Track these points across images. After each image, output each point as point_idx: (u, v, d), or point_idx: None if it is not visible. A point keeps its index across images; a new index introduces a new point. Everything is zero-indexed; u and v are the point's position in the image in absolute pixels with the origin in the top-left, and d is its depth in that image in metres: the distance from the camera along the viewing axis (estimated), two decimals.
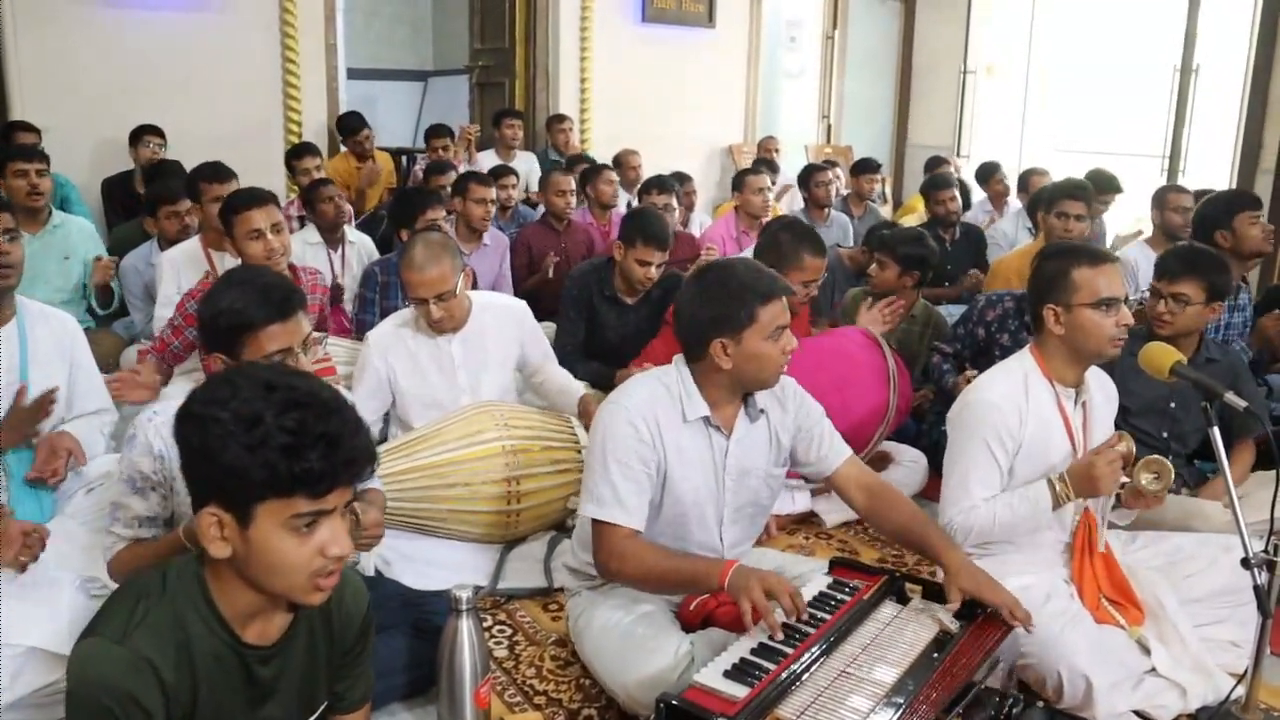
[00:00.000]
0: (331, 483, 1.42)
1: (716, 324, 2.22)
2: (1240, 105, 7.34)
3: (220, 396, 1.42)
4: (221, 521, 1.43)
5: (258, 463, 1.37)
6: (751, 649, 1.92)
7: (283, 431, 1.38)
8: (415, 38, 11.13)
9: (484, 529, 3.03)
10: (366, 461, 1.48)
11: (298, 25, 6.49)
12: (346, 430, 1.43)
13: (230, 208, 3.44)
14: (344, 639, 1.71)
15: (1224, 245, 3.96)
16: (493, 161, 6.64)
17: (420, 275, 3.08)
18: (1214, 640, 2.51)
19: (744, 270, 2.29)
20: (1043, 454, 2.49)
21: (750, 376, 2.26)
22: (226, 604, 1.51)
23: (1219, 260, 3.15)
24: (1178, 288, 3.06)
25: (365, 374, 3.20)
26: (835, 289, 5.01)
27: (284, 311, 2.19)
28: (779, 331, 2.23)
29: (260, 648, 1.56)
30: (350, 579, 1.74)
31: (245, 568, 1.46)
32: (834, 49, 9.50)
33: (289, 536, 1.43)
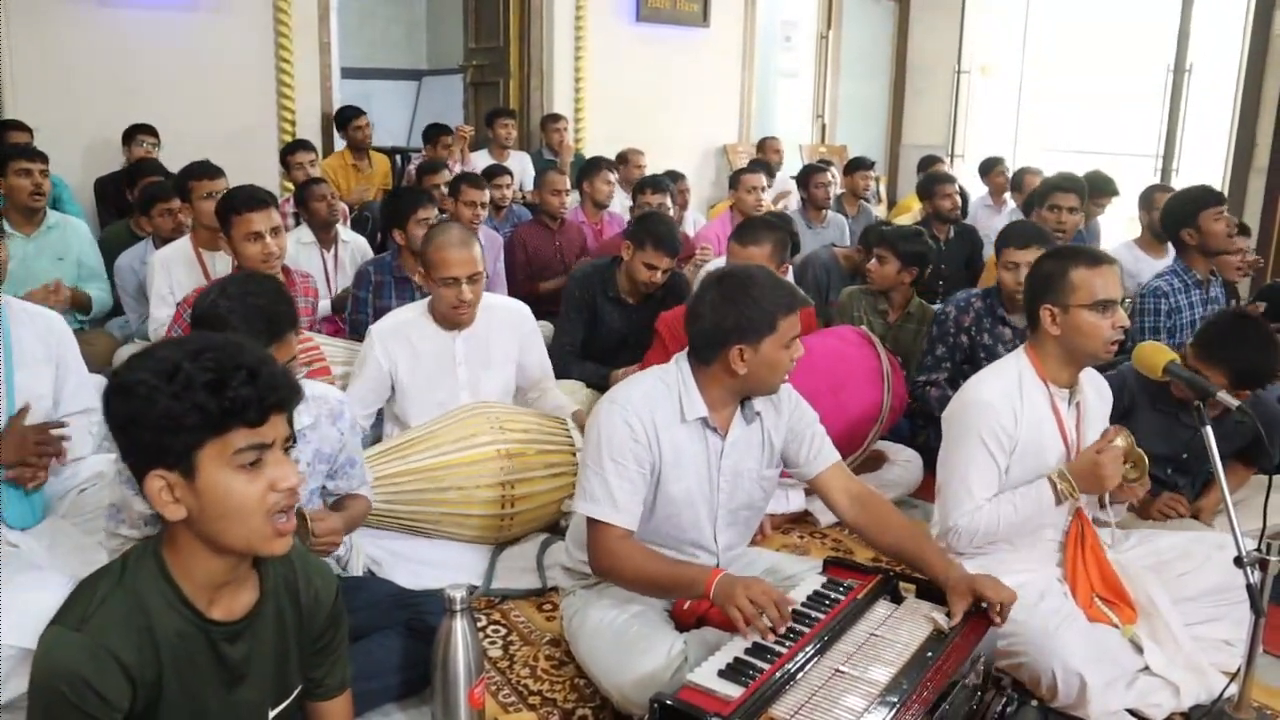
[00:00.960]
0: (261, 410, 1.43)
1: (740, 331, 2.23)
2: (1233, 104, 7.36)
3: (134, 364, 1.45)
4: (169, 482, 1.44)
5: (187, 406, 1.39)
6: (745, 648, 1.92)
7: (203, 370, 1.40)
8: (410, 37, 11.11)
9: (477, 531, 3.02)
10: (290, 389, 1.49)
11: (292, 24, 6.48)
12: (264, 365, 1.45)
13: (230, 207, 3.42)
14: (314, 622, 1.70)
15: (1191, 243, 3.96)
16: (487, 161, 6.64)
17: (458, 254, 3.12)
18: (1207, 639, 2.52)
19: (766, 280, 2.30)
20: (1037, 454, 2.50)
21: (759, 382, 2.28)
22: (187, 579, 1.51)
23: (1262, 343, 2.89)
24: (1199, 365, 2.85)
25: (366, 366, 3.20)
26: (831, 289, 5.01)
27: (271, 334, 2.20)
28: (792, 340, 2.26)
29: (226, 624, 1.55)
30: (317, 566, 1.75)
31: (201, 524, 1.46)
32: (829, 49, 9.50)
33: (236, 475, 1.43)
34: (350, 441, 2.48)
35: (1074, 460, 2.49)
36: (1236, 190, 7.20)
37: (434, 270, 3.15)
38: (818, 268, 5.07)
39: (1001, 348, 3.68)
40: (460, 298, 3.14)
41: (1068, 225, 4.63)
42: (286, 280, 3.68)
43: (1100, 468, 2.40)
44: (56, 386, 2.74)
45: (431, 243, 3.21)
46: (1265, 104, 7.03)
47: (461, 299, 3.14)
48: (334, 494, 2.52)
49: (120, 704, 1.44)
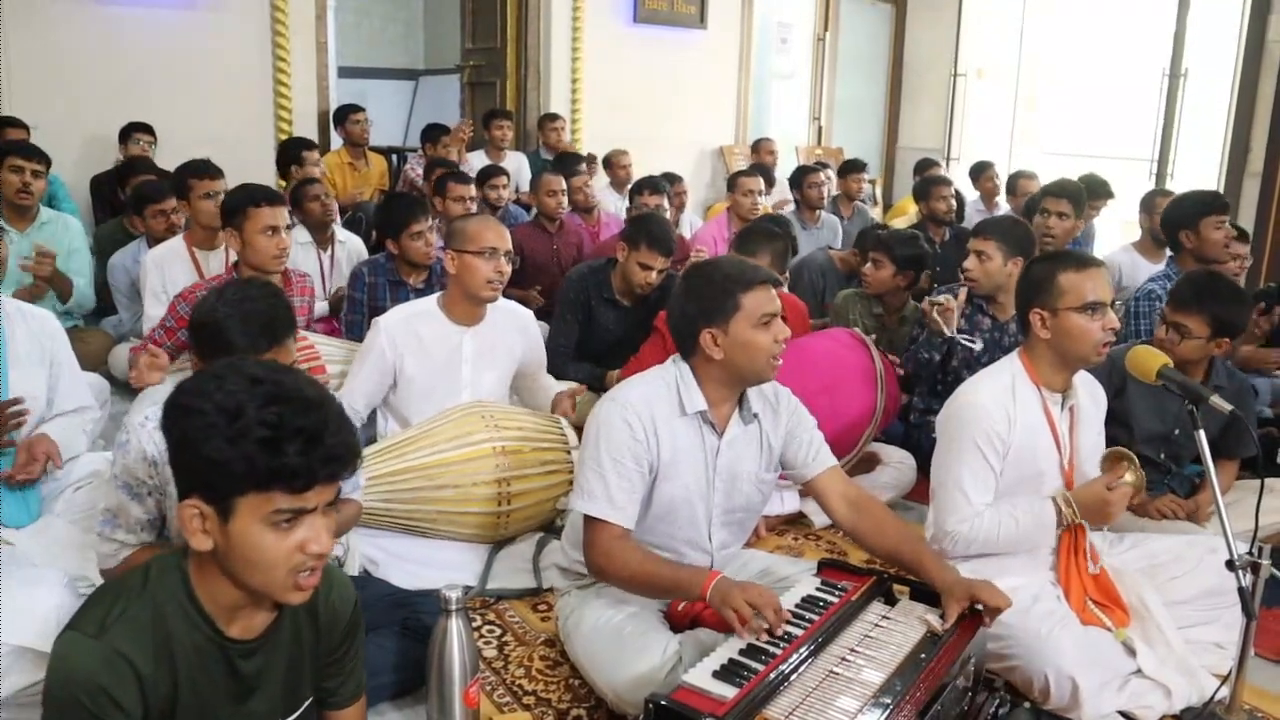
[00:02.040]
0: (309, 479, 1.41)
1: (705, 315, 2.25)
2: (1228, 109, 7.38)
3: (206, 388, 1.42)
4: (203, 514, 1.43)
5: (238, 455, 1.37)
6: (740, 649, 1.93)
7: (262, 425, 1.38)
8: (406, 37, 11.12)
9: (474, 530, 3.03)
10: (349, 459, 1.46)
11: (288, 23, 6.48)
12: (329, 427, 1.42)
13: (249, 200, 3.44)
14: (330, 635, 1.71)
15: (1187, 246, 3.98)
16: (483, 162, 6.64)
17: (496, 228, 3.21)
18: (1198, 641, 2.52)
19: (727, 262, 2.36)
20: (1030, 459, 2.50)
21: (743, 366, 2.27)
22: (209, 598, 1.51)
23: (1233, 294, 3.09)
24: (1180, 318, 3.04)
25: (369, 357, 3.20)
26: (826, 291, 5.02)
27: (270, 340, 2.21)
28: (768, 319, 2.25)
29: (243, 642, 1.56)
30: (337, 577, 1.74)
31: (226, 562, 1.46)
32: (825, 51, 9.51)
33: (268, 532, 1.42)
34: None
35: (1083, 491, 2.49)
36: (1231, 194, 7.21)
37: (471, 242, 3.15)
38: (813, 270, 5.08)
39: (979, 335, 3.71)
40: (498, 269, 3.16)
41: (1055, 231, 4.61)
42: (284, 280, 3.70)
43: (1108, 505, 2.43)
44: (50, 385, 2.75)
45: (468, 221, 3.27)
46: (1260, 109, 7.05)
47: (500, 270, 3.17)
48: None
49: (135, 714, 1.44)
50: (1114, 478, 2.45)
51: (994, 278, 3.68)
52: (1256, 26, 7.08)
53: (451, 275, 3.22)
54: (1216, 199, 4.16)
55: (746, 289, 2.25)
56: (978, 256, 3.69)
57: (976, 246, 3.71)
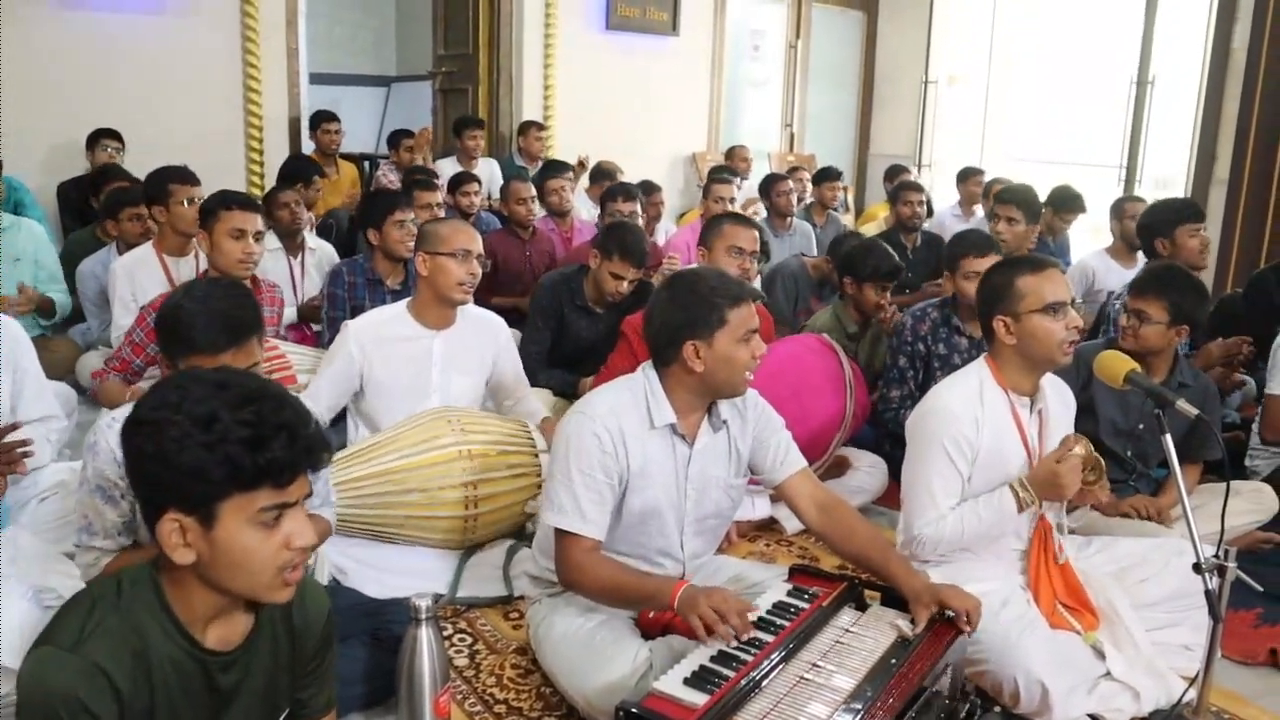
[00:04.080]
0: (294, 471, 1.43)
1: (691, 326, 2.25)
2: (1195, 117, 7.46)
3: (171, 400, 1.41)
4: (183, 526, 1.42)
5: (218, 459, 1.37)
6: (711, 656, 1.93)
7: (242, 425, 1.38)
8: (378, 43, 11.09)
9: (442, 535, 3.01)
10: (324, 448, 1.49)
11: (259, 29, 6.44)
12: (300, 420, 1.44)
13: (221, 202, 3.48)
14: (306, 644, 1.69)
15: (1162, 252, 4.02)
16: (454, 169, 6.62)
17: (468, 231, 3.25)
18: (1167, 644, 2.55)
19: (713, 275, 2.36)
20: (999, 463, 2.51)
21: (721, 380, 2.27)
22: (184, 609, 1.49)
23: (1190, 284, 3.16)
24: (1140, 304, 3.10)
25: (336, 360, 3.18)
26: (799, 297, 5.04)
27: (231, 339, 2.19)
28: (749, 334, 2.26)
29: (221, 654, 1.54)
30: (311, 585, 1.73)
31: (210, 570, 1.45)
32: (797, 58, 9.55)
33: (256, 531, 1.42)
34: None
35: (1034, 469, 2.50)
36: (1198, 201, 7.28)
37: (443, 244, 3.16)
38: (786, 277, 5.09)
39: (957, 357, 3.72)
40: (470, 271, 3.17)
41: (1006, 236, 4.61)
42: (254, 288, 3.68)
43: (1058, 476, 2.42)
44: (14, 393, 2.71)
45: (440, 223, 3.29)
46: (1225, 117, 7.13)
47: (471, 272, 3.18)
48: None
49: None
50: (1062, 451, 2.46)
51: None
52: (1222, 35, 7.16)
53: (423, 277, 3.22)
54: (1191, 207, 4.20)
55: (734, 304, 2.25)
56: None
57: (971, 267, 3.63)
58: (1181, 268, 3.35)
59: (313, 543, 1.49)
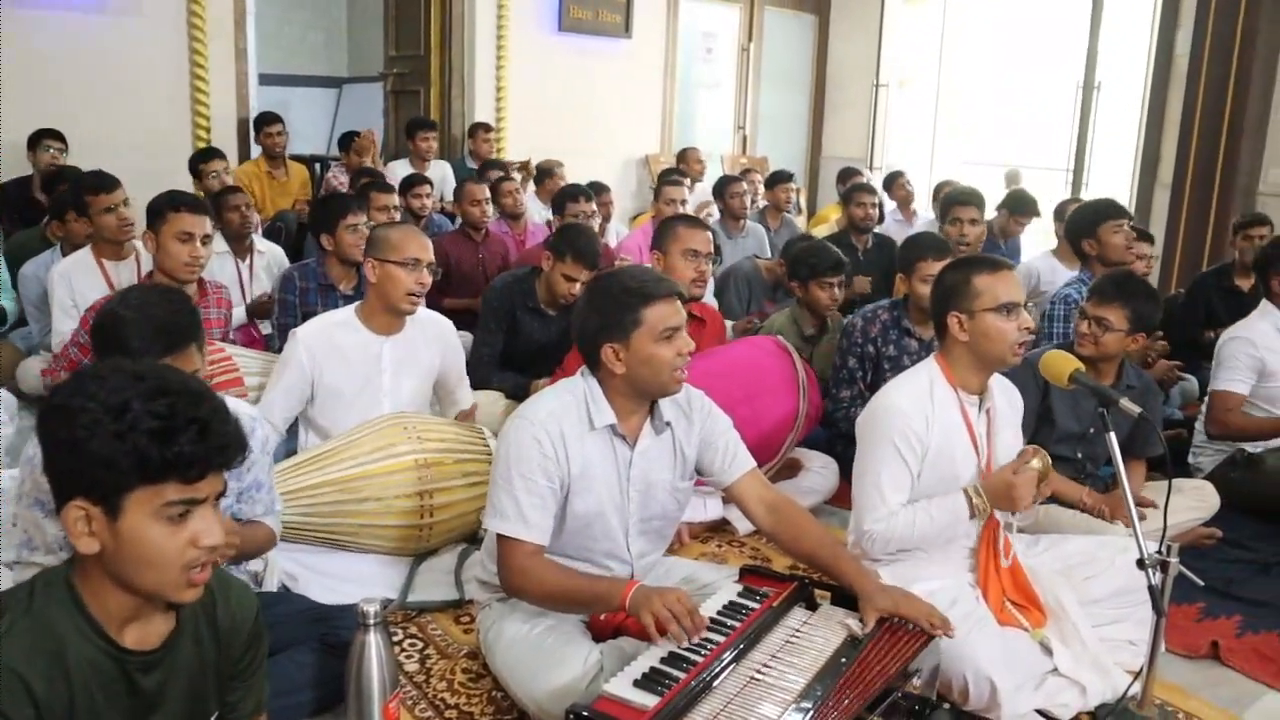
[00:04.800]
0: (203, 468, 1.40)
1: (605, 329, 2.25)
2: (1139, 121, 7.60)
3: (87, 388, 1.39)
4: (89, 515, 1.39)
5: (126, 449, 1.35)
6: (661, 658, 1.92)
7: (152, 416, 1.36)
8: (329, 44, 10.98)
9: (395, 543, 2.98)
10: (238, 448, 1.46)
11: (206, 29, 6.36)
12: (216, 417, 1.42)
13: (170, 205, 3.43)
14: (232, 646, 1.66)
15: (1091, 253, 4.10)
16: (406, 171, 6.57)
17: (420, 239, 3.20)
18: (1112, 639, 2.58)
19: (629, 275, 2.33)
20: (948, 461, 2.54)
21: (647, 380, 2.26)
22: (100, 608, 1.46)
23: (1148, 292, 3.23)
24: (1102, 312, 3.14)
25: (288, 369, 3.14)
26: (752, 299, 5.06)
27: (166, 345, 2.15)
28: (670, 333, 2.24)
29: (141, 654, 1.50)
30: (236, 585, 1.71)
31: (114, 563, 1.42)
32: (749, 61, 9.60)
33: (160, 526, 1.40)
34: (260, 461, 2.40)
35: (990, 479, 2.52)
36: (1143, 203, 7.43)
37: (394, 251, 3.11)
38: (739, 279, 5.11)
39: (906, 359, 3.74)
40: (420, 281, 3.14)
41: (970, 237, 4.73)
42: (200, 291, 3.65)
43: (1014, 489, 2.45)
44: None
45: (392, 230, 3.24)
46: (1169, 121, 7.27)
47: (421, 282, 3.14)
48: (237, 517, 2.45)
49: None
50: (1020, 463, 2.49)
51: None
52: (1165, 41, 7.30)
53: (371, 284, 3.18)
54: (1111, 204, 4.28)
55: (647, 302, 2.23)
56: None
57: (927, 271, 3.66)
58: (1138, 275, 3.42)
59: (220, 543, 1.46)
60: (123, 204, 3.98)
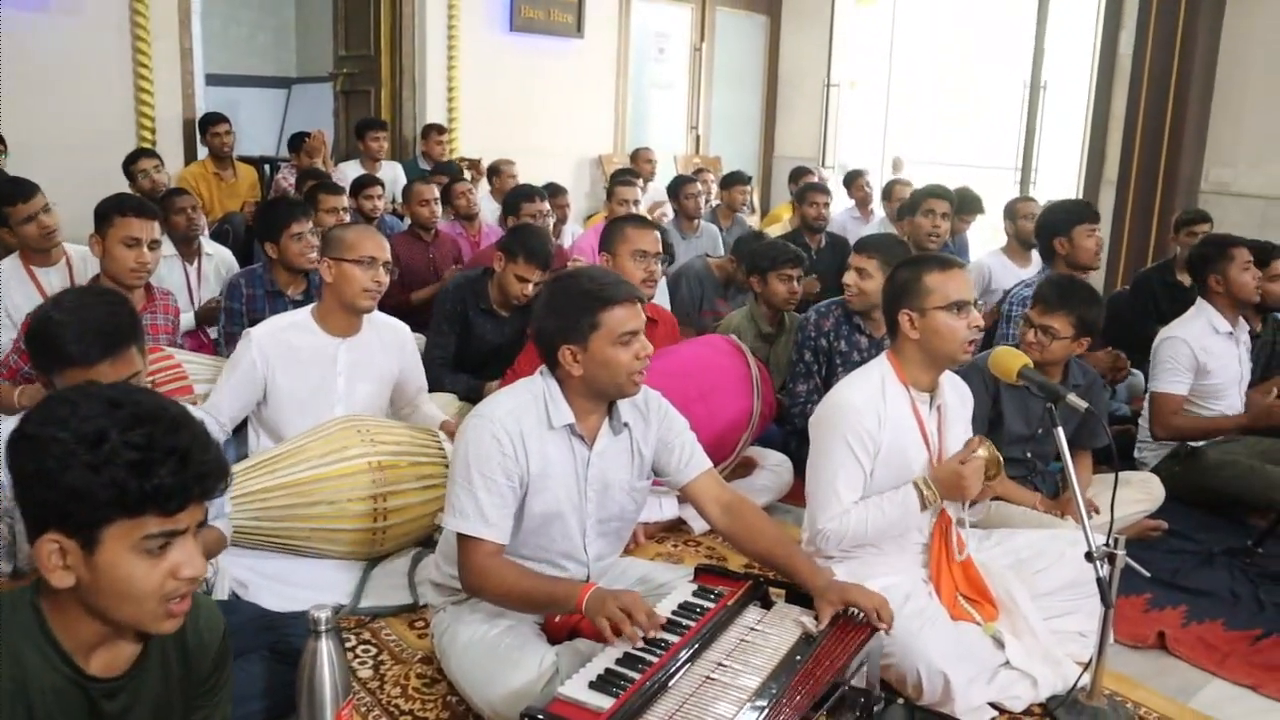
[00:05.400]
0: (184, 500, 1.36)
1: (563, 332, 2.24)
2: (1085, 120, 7.71)
3: (59, 416, 1.34)
4: (64, 548, 1.35)
5: (102, 482, 1.30)
6: (616, 659, 1.92)
7: (130, 448, 1.31)
8: (278, 44, 10.86)
9: (349, 547, 2.95)
10: (219, 477, 1.42)
11: (150, 28, 6.24)
12: (196, 445, 1.37)
13: (117, 209, 3.37)
14: (199, 668, 1.63)
15: (1060, 252, 4.15)
16: (356, 172, 6.51)
17: (375, 238, 3.18)
18: (1063, 631, 2.62)
19: (589, 277, 2.33)
20: (901, 458, 2.56)
21: (604, 382, 2.26)
22: (67, 635, 1.42)
23: (1092, 297, 3.26)
24: (1049, 320, 3.17)
25: (238, 369, 3.09)
26: (704, 298, 5.07)
27: (105, 350, 2.10)
28: (629, 337, 2.24)
29: (106, 680, 1.47)
30: (204, 604, 1.67)
31: (91, 596, 1.38)
32: (701, 61, 9.62)
33: (139, 560, 1.35)
34: None
35: (938, 469, 2.55)
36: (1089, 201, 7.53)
37: (349, 250, 3.09)
38: (691, 278, 5.11)
39: (857, 355, 3.78)
40: (376, 279, 3.12)
41: (941, 230, 4.82)
42: (147, 297, 3.58)
43: (962, 478, 2.49)
44: None
45: (347, 229, 3.22)
46: (1114, 120, 7.38)
47: (377, 280, 3.12)
48: None
49: None
50: (967, 453, 2.52)
51: (872, 296, 3.60)
52: (1109, 41, 7.41)
53: (327, 284, 3.15)
54: (1088, 208, 4.34)
55: (606, 306, 2.23)
56: (858, 273, 3.71)
57: (857, 264, 3.73)
58: (1081, 280, 3.47)
59: (202, 574, 1.42)
60: (43, 210, 3.84)
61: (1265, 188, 6.73)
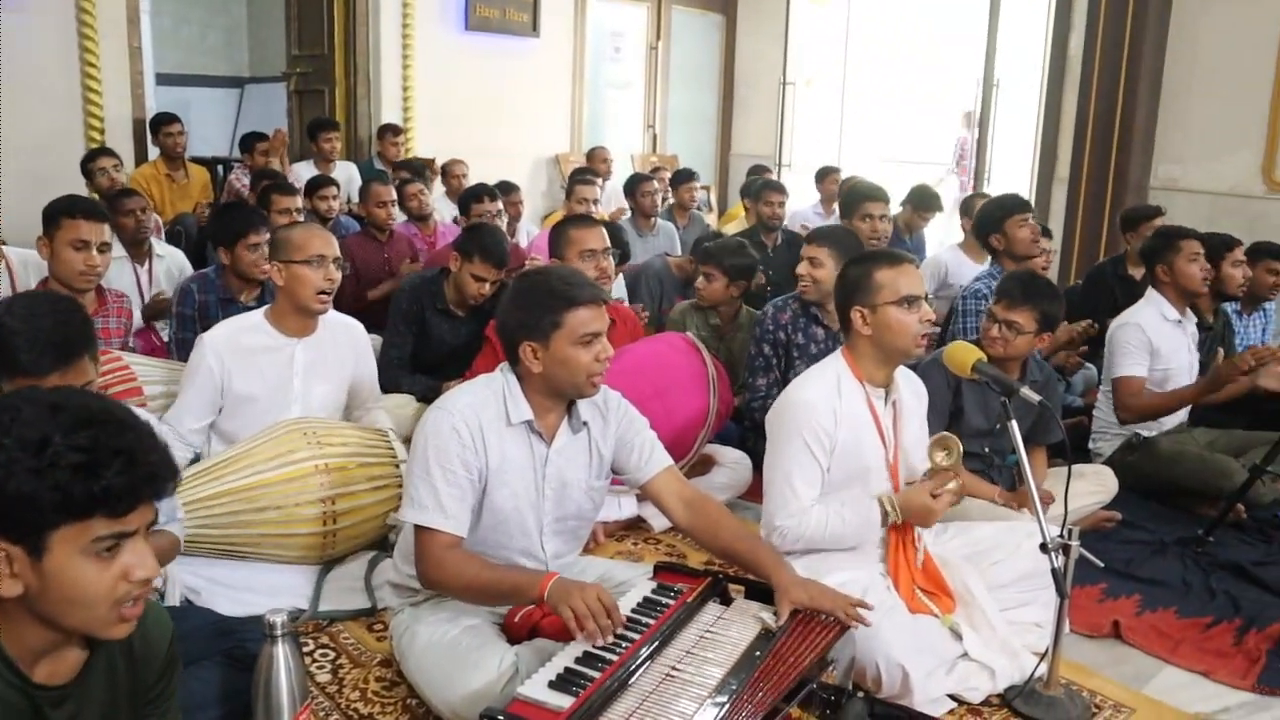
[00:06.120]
0: (133, 500, 1.34)
1: (525, 328, 2.24)
2: (1037, 118, 7.80)
3: (0, 423, 1.32)
4: (10, 556, 1.31)
5: (47, 487, 1.28)
6: (576, 658, 1.91)
7: (74, 450, 1.29)
8: (229, 43, 10.73)
9: (299, 551, 2.91)
10: (168, 476, 1.39)
11: (97, 27, 6.14)
12: (142, 445, 1.35)
13: (65, 211, 3.33)
14: (147, 674, 1.60)
15: (998, 247, 4.20)
16: (310, 173, 6.44)
17: (324, 236, 3.16)
18: (1019, 622, 2.65)
19: (556, 276, 2.32)
20: (856, 454, 2.57)
21: (563, 382, 2.26)
22: (14, 643, 1.39)
23: (1053, 293, 3.29)
24: (1012, 316, 3.18)
25: (197, 376, 3.05)
26: (664, 297, 5.07)
27: (60, 359, 2.06)
28: (590, 338, 2.24)
29: (53, 688, 1.44)
30: (152, 608, 1.63)
31: (40, 604, 1.35)
32: (658, 60, 9.63)
33: (89, 563, 1.33)
34: None
35: (907, 496, 2.57)
36: (1041, 198, 7.62)
37: (297, 251, 3.06)
38: (650, 277, 5.12)
39: (814, 347, 3.80)
40: (328, 278, 3.09)
41: (880, 232, 4.81)
42: (99, 300, 3.54)
43: (932, 513, 2.52)
44: None
45: (293, 230, 3.19)
46: (1065, 118, 7.47)
47: (329, 279, 3.09)
48: None
49: None
50: (939, 484, 2.53)
51: (825, 285, 3.62)
52: (1059, 41, 7.50)
53: (279, 288, 3.11)
54: (1016, 199, 4.40)
55: (570, 306, 2.23)
56: (810, 263, 3.74)
57: (809, 253, 3.76)
58: (1043, 276, 3.50)
59: (155, 575, 1.40)
60: None
61: (1211, 184, 6.85)
